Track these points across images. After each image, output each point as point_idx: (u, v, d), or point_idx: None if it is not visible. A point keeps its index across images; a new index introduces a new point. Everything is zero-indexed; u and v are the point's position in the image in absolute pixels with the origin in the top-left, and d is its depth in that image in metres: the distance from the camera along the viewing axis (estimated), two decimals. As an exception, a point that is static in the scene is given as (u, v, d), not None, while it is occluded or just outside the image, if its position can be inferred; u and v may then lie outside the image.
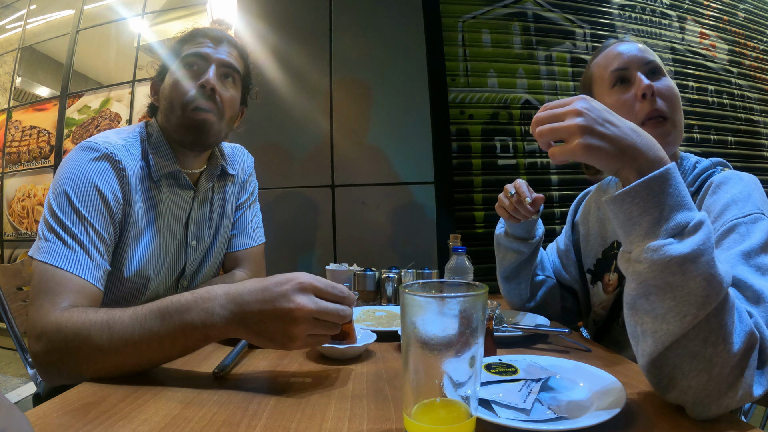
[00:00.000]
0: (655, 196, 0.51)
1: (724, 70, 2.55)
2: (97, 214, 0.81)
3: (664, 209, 0.51)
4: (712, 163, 0.83)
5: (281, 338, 0.62)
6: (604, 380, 0.59)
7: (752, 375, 0.50)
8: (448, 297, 0.43)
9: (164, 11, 3.07)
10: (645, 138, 0.55)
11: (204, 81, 0.92)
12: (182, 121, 0.92)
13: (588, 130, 0.53)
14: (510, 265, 1.07)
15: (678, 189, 0.52)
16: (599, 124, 0.54)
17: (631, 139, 0.54)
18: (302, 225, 1.94)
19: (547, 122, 0.56)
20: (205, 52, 0.95)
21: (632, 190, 0.52)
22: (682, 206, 0.52)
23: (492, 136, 2.08)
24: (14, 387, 2.57)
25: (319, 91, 1.99)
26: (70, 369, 0.66)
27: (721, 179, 0.77)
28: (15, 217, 3.23)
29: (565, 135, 0.54)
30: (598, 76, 0.90)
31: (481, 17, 2.14)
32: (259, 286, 0.63)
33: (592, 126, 0.53)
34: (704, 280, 0.48)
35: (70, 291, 0.72)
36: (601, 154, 0.53)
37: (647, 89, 0.80)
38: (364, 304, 1.24)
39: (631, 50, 0.86)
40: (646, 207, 0.52)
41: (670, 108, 0.82)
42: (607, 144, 0.53)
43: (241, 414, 0.53)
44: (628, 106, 0.83)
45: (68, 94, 3.16)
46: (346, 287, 0.66)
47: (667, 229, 0.50)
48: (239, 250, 1.14)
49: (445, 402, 0.43)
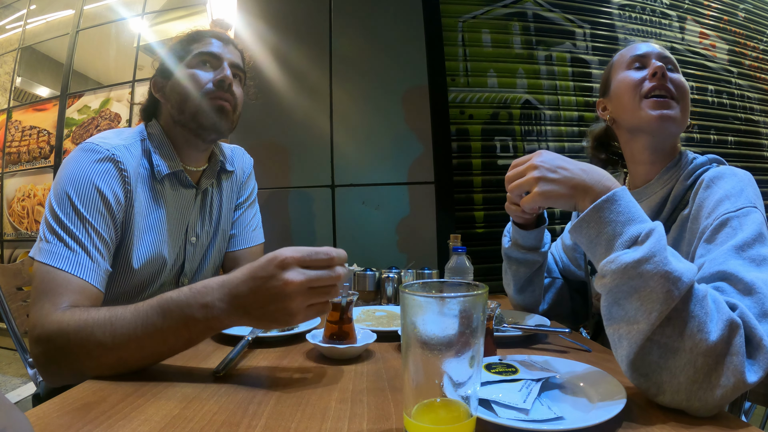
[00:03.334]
0: (605, 218, 0.58)
1: (724, 70, 2.55)
2: (99, 216, 0.81)
3: (616, 227, 0.58)
4: (708, 159, 0.86)
5: (282, 316, 0.62)
6: (604, 380, 0.59)
7: (741, 362, 0.51)
8: (448, 297, 0.43)
9: (164, 11, 3.07)
10: (593, 173, 0.63)
11: (223, 76, 0.96)
12: (200, 107, 0.95)
13: (542, 179, 0.64)
14: (524, 277, 1.04)
15: (627, 207, 0.59)
16: (552, 171, 0.64)
17: (580, 177, 0.63)
18: (302, 225, 1.94)
19: (513, 179, 0.68)
20: (218, 52, 0.98)
21: (586, 216, 0.60)
22: (633, 221, 0.58)
23: (492, 136, 2.08)
24: (14, 387, 2.57)
25: (319, 91, 1.99)
26: (73, 368, 0.66)
27: (715, 174, 0.79)
28: (15, 217, 3.23)
29: (527, 187, 0.66)
30: (618, 62, 0.95)
31: (481, 17, 2.14)
32: (248, 273, 0.63)
33: (545, 175, 0.64)
34: (662, 278, 0.52)
35: (71, 292, 0.73)
36: (556, 196, 0.64)
37: (659, 69, 0.86)
38: (364, 304, 1.24)
39: (654, 48, 0.92)
40: (599, 229, 0.59)
41: (679, 94, 0.86)
42: (559, 187, 0.64)
43: (241, 414, 0.53)
44: (636, 82, 0.88)
45: (68, 94, 3.15)
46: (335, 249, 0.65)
47: (621, 243, 0.57)
48: (239, 249, 1.15)
49: (445, 402, 0.43)
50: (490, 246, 1.99)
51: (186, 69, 0.97)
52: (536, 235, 0.99)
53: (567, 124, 2.12)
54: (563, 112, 2.13)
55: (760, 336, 0.53)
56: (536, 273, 1.04)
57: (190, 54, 0.97)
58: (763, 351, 0.53)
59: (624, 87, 0.91)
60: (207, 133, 0.97)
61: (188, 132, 0.97)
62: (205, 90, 0.95)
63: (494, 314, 0.80)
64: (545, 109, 2.12)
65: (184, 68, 0.97)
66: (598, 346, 0.85)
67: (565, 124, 2.12)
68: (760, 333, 0.54)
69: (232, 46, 1.02)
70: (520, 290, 1.07)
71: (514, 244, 1.02)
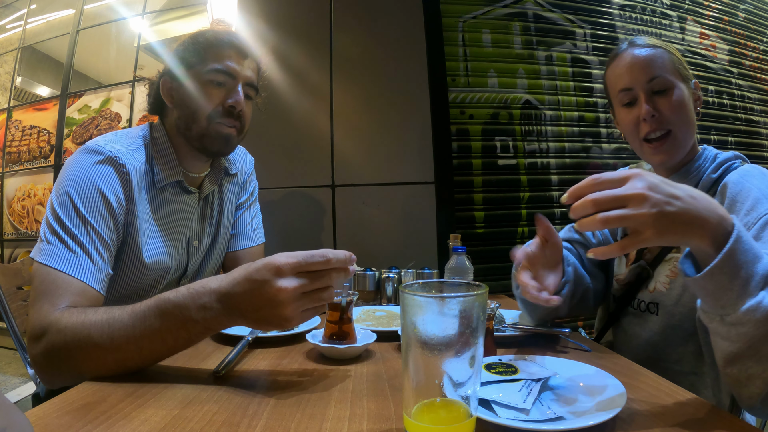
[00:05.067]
0: (738, 261, 0.52)
1: (724, 71, 2.54)
2: (100, 218, 0.81)
3: (748, 268, 0.53)
4: (734, 155, 0.89)
5: (278, 321, 0.63)
6: (604, 380, 0.59)
7: None
8: (448, 297, 0.43)
9: (164, 11, 3.07)
10: (703, 201, 0.54)
11: (234, 102, 0.92)
12: (207, 132, 0.93)
13: (661, 216, 0.51)
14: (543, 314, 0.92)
15: (749, 242, 0.54)
16: (667, 204, 0.51)
17: (695, 208, 0.52)
18: (302, 225, 1.94)
19: (607, 206, 0.52)
20: (234, 69, 0.93)
21: (720, 263, 0.52)
22: (758, 257, 0.53)
23: (492, 136, 2.07)
24: (14, 387, 2.57)
25: (319, 91, 1.99)
26: (71, 369, 0.66)
27: (746, 171, 0.82)
28: (15, 216, 3.23)
29: (634, 224, 0.51)
30: (612, 93, 0.96)
31: (482, 17, 2.14)
32: (244, 275, 0.63)
33: (663, 210, 0.51)
34: None
35: (70, 294, 0.72)
36: (671, 235, 0.53)
37: (647, 114, 0.86)
38: (364, 304, 1.24)
39: (636, 64, 0.89)
40: (733, 274, 0.52)
41: (674, 120, 0.87)
42: (677, 224, 0.52)
43: (241, 414, 0.53)
44: (632, 126, 0.90)
45: (68, 93, 3.15)
46: (333, 251, 0.64)
47: (756, 286, 0.53)
48: (239, 249, 1.15)
49: (445, 402, 0.43)
50: (490, 246, 1.99)
51: (197, 82, 0.92)
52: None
53: (567, 124, 2.12)
54: (563, 113, 2.13)
55: None
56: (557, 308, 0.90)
57: (204, 63, 0.92)
58: None
59: (623, 127, 0.94)
60: (210, 154, 0.98)
61: (191, 146, 0.96)
62: (213, 112, 0.92)
63: (494, 314, 0.80)
64: (545, 109, 2.12)
65: (195, 80, 0.92)
66: (598, 346, 0.85)
67: (566, 124, 2.12)
68: None
69: (249, 59, 0.97)
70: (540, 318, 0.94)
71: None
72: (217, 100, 0.92)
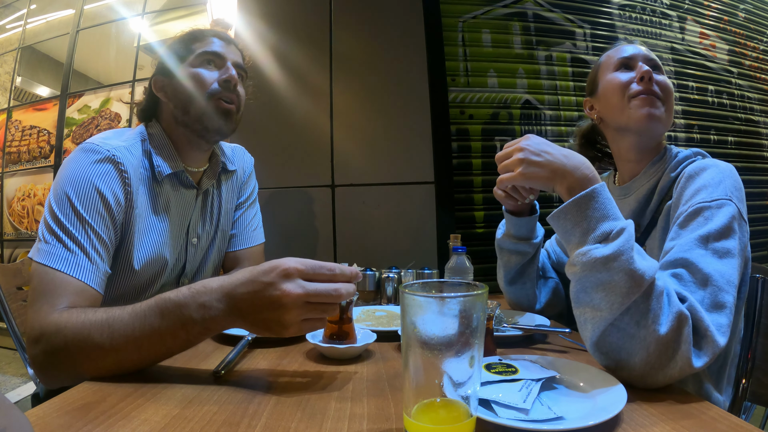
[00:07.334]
0: (583, 212, 0.63)
1: (724, 70, 2.54)
2: (98, 217, 0.81)
3: (591, 221, 0.63)
4: (693, 153, 0.91)
5: (276, 326, 0.62)
6: (604, 380, 0.59)
7: (688, 350, 0.59)
8: (448, 297, 0.43)
9: (164, 11, 3.07)
10: (573, 159, 0.68)
11: (228, 76, 0.95)
12: (208, 109, 0.95)
13: (526, 161, 0.70)
14: (515, 267, 1.05)
15: (604, 204, 0.63)
16: (536, 154, 0.69)
17: (561, 162, 0.68)
18: (302, 225, 1.94)
19: (502, 159, 0.74)
20: (221, 51, 0.98)
21: (565, 208, 0.65)
22: (607, 218, 0.63)
23: (492, 136, 2.07)
24: (14, 387, 2.57)
25: (319, 91, 1.99)
26: (70, 369, 0.66)
27: (698, 166, 0.83)
28: (15, 216, 3.23)
29: (511, 167, 0.72)
30: (605, 63, 0.99)
31: (482, 17, 2.14)
32: (249, 276, 0.63)
33: (529, 157, 0.69)
34: (626, 274, 0.59)
35: (69, 294, 0.72)
36: (536, 178, 0.69)
37: (647, 73, 0.89)
38: (364, 304, 1.24)
39: (639, 49, 0.96)
40: (576, 221, 0.64)
41: (664, 96, 0.90)
42: (541, 169, 0.69)
43: (241, 414, 0.53)
44: (623, 84, 0.92)
45: (68, 93, 3.15)
46: (339, 265, 0.64)
47: (594, 237, 0.62)
48: (239, 249, 1.15)
49: (445, 402, 0.43)
50: (490, 246, 1.96)
51: (189, 68, 0.96)
52: (528, 224, 1.01)
53: (567, 124, 2.12)
54: (563, 113, 2.13)
55: (706, 326, 0.60)
56: (528, 264, 1.05)
57: (192, 53, 0.97)
58: (708, 340, 0.60)
59: (612, 88, 0.94)
60: (211, 135, 0.97)
61: (191, 133, 0.96)
62: (210, 90, 0.95)
63: (494, 314, 0.81)
64: (545, 109, 2.12)
65: (187, 67, 0.96)
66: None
67: (566, 124, 2.12)
68: (707, 324, 0.60)
69: (233, 46, 1.02)
70: (510, 281, 1.07)
71: (506, 235, 1.04)
72: (211, 78, 0.96)
